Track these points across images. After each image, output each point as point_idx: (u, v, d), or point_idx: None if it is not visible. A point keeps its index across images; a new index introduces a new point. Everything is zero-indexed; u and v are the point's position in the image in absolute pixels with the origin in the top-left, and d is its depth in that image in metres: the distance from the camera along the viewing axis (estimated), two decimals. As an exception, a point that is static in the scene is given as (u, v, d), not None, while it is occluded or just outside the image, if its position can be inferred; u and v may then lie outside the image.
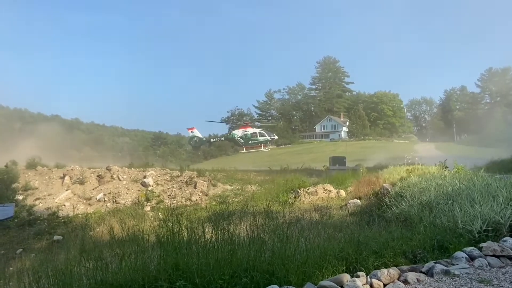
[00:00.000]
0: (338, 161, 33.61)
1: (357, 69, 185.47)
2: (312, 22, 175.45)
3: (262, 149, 36.97)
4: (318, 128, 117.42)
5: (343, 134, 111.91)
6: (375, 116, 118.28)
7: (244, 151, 36.91)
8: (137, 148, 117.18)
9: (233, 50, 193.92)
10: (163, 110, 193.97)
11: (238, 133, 36.48)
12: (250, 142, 36.21)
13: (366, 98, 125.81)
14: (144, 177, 25.62)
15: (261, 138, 36.20)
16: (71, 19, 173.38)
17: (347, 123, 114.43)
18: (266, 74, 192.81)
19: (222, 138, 38.25)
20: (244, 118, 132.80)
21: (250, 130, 36.55)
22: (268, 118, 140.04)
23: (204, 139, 37.08)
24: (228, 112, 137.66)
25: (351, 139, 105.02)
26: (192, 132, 36.82)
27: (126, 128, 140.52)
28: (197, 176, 25.61)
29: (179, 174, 26.39)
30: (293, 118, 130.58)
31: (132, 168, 27.55)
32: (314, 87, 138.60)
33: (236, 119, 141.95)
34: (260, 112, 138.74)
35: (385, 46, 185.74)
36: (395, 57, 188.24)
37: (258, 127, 39.40)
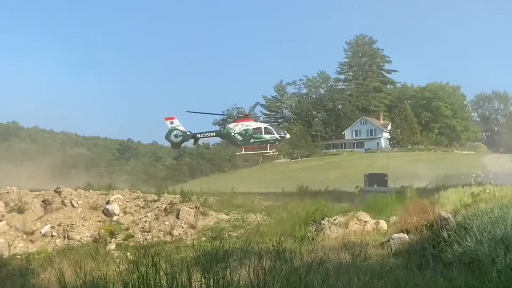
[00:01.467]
0: (377, 180, 33.48)
1: (402, 53, 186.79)
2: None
3: (268, 150, 36.19)
4: (348, 134, 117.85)
5: (383, 143, 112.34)
6: (427, 117, 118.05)
7: (243, 152, 36.33)
8: (97, 163, 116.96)
9: (231, 28, 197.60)
10: (133, 111, 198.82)
11: (235, 128, 35.85)
12: (252, 140, 35.42)
13: (415, 92, 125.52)
14: (108, 202, 25.66)
15: (267, 136, 35.36)
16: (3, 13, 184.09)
17: (389, 127, 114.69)
18: (276, 59, 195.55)
19: (213, 134, 37.47)
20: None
21: (252, 124, 35.79)
22: (279, 120, 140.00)
23: (188, 133, 36.41)
24: (223, 112, 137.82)
25: (395, 149, 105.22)
26: (172, 123, 36.46)
27: (83, 135, 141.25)
28: (180, 201, 25.61)
29: (156, 198, 26.40)
30: (313, 120, 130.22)
31: (91, 191, 27.59)
32: (342, 77, 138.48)
33: (234, 121, 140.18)
34: (267, 112, 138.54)
35: (440, 22, 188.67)
36: (455, 37, 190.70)
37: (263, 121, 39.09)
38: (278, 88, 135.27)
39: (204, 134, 37.44)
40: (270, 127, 36.80)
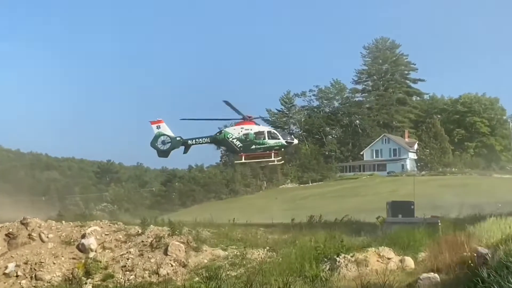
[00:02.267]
0: (402, 209, 33.39)
1: (430, 59, 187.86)
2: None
3: (272, 158, 35.94)
4: (367, 155, 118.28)
5: (409, 165, 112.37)
6: (461, 134, 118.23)
7: (243, 160, 36.10)
8: (72, 189, 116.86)
9: (229, 32, 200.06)
10: (114, 128, 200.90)
11: (234, 132, 35.82)
12: (254, 146, 35.32)
13: (446, 106, 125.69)
14: (83, 236, 25.61)
15: (271, 141, 35.27)
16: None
17: (416, 146, 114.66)
18: (281, 67, 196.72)
19: (207, 140, 37.18)
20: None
21: (253, 128, 35.72)
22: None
23: (178, 139, 36.50)
24: (219, 128, 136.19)
25: (423, 172, 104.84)
26: (159, 127, 36.52)
27: (55, 157, 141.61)
28: (169, 235, 25.55)
29: (140, 231, 26.35)
30: (326, 138, 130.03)
31: (64, 222, 27.58)
32: (360, 87, 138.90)
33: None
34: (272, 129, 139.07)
35: (476, 25, 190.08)
36: (493, 42, 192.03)
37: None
38: (285, 100, 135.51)
39: (197, 140, 37.24)
40: (275, 131, 36.86)
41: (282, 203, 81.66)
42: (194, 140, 37.09)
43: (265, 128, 36.90)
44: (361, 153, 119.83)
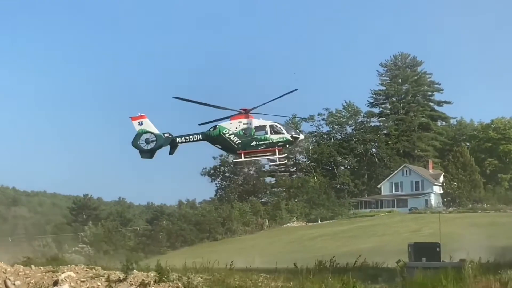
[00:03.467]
0: (426, 251, 33.27)
1: (457, 78, 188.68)
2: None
3: (276, 155, 35.64)
4: (386, 189, 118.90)
5: (433, 200, 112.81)
6: (494, 165, 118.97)
7: (242, 158, 35.65)
8: (43, 228, 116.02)
9: (227, 45, 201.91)
10: (92, 158, 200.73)
11: (230, 127, 35.34)
12: (254, 143, 34.96)
13: (476, 132, 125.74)
14: (55, 283, 25.49)
15: (274, 137, 34.82)
16: None
17: (441, 178, 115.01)
18: (286, 86, 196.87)
19: (199, 137, 36.37)
20: (245, 168, 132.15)
21: (253, 122, 35.38)
22: (291, 169, 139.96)
23: (165, 135, 36.13)
24: (215, 158, 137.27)
25: (450, 208, 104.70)
26: (141, 123, 36.13)
27: (24, 190, 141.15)
28: (156, 282, 25.44)
29: (122, 276, 26.23)
30: (338, 169, 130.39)
31: (33, 267, 27.47)
32: (376, 110, 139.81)
33: (230, 171, 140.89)
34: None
35: (506, 37, 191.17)
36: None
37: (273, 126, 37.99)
38: (290, 125, 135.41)
39: (187, 137, 36.63)
40: (279, 125, 36.10)
41: (286, 244, 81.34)
42: (183, 138, 36.49)
43: (267, 122, 35.82)
44: (379, 186, 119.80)
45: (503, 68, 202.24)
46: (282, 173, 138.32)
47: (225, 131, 35.19)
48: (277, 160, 36.88)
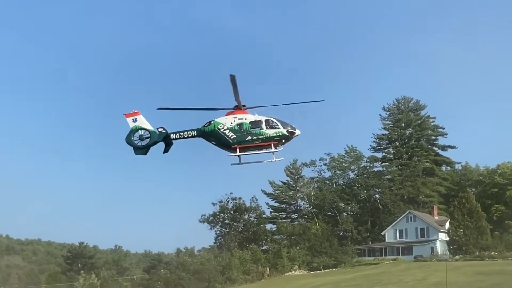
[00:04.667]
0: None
1: (461, 122, 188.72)
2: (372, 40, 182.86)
3: (272, 149, 35.57)
4: (390, 236, 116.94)
5: (439, 247, 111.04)
6: (501, 211, 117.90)
7: (237, 153, 35.66)
8: (37, 277, 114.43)
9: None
10: (88, 205, 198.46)
11: (225, 122, 35.79)
12: (250, 138, 35.34)
13: (482, 177, 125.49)
14: None
15: (270, 132, 35.35)
16: None
17: (447, 225, 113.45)
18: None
19: (194, 133, 36.65)
20: (245, 214, 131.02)
21: (248, 117, 35.77)
22: (293, 215, 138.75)
23: (159, 130, 36.27)
24: (213, 204, 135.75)
25: (456, 256, 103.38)
26: (135, 120, 36.36)
27: (17, 239, 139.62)
28: None
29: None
30: (340, 215, 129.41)
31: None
32: (379, 155, 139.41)
33: (230, 217, 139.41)
34: (276, 205, 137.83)
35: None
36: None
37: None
38: (291, 170, 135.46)
39: (181, 133, 36.83)
40: (275, 120, 36.12)
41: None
42: (177, 134, 36.83)
43: (262, 117, 36.27)
44: (383, 233, 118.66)
45: (509, 112, 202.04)
46: (283, 220, 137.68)
47: (220, 126, 35.73)
48: (273, 157, 36.03)
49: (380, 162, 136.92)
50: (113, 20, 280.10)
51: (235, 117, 35.99)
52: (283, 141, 36.27)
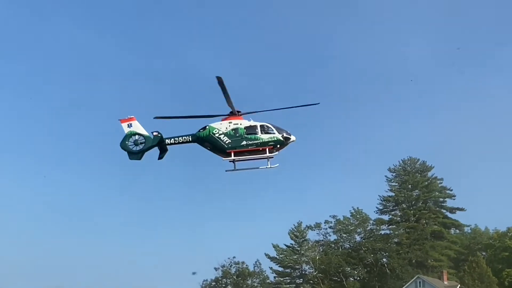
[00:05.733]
0: None
1: (470, 183, 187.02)
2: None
3: (267, 155, 36.60)
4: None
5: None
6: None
7: (232, 157, 36.68)
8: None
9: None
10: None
11: (220, 127, 37.09)
12: (245, 142, 36.48)
13: (492, 240, 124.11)
14: None
15: (265, 137, 36.60)
16: None
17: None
18: (290, 192, 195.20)
19: (189, 139, 37.90)
20: (249, 280, 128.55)
21: (243, 123, 37.10)
22: (298, 280, 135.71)
23: (154, 133, 37.46)
24: (216, 269, 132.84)
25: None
26: (130, 126, 37.50)
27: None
28: None
29: None
30: (347, 280, 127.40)
31: None
32: (386, 217, 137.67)
33: (233, 283, 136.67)
34: (280, 270, 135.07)
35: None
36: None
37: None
38: (295, 233, 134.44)
39: (176, 139, 38.02)
40: (270, 126, 37.40)
41: None
42: (172, 139, 38.05)
43: (257, 123, 37.62)
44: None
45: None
46: (288, 285, 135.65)
47: (215, 131, 37.10)
48: (268, 164, 37.28)
49: (387, 225, 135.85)
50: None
51: (230, 122, 37.28)
52: (278, 146, 37.44)
